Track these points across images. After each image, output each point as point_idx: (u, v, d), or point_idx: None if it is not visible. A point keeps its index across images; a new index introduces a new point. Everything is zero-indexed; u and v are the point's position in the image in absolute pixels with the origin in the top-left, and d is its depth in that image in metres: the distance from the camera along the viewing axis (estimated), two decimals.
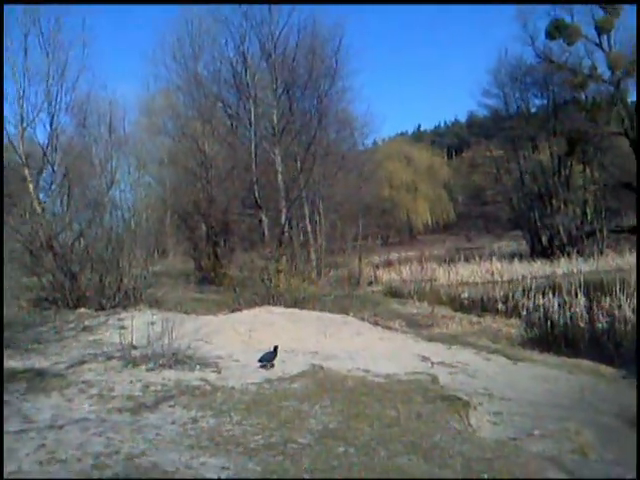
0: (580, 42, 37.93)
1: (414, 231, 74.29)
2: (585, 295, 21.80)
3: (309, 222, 29.65)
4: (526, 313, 20.80)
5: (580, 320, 18.65)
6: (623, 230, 39.90)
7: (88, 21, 31.43)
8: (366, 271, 34.35)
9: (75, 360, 9.32)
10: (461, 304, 25.28)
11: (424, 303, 24.23)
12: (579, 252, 39.45)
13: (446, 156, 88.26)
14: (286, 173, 27.48)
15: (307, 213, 29.64)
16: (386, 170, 62.13)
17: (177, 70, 30.22)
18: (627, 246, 36.54)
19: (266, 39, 27.22)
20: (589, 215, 43.58)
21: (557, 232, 43.11)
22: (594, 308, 19.61)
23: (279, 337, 11.37)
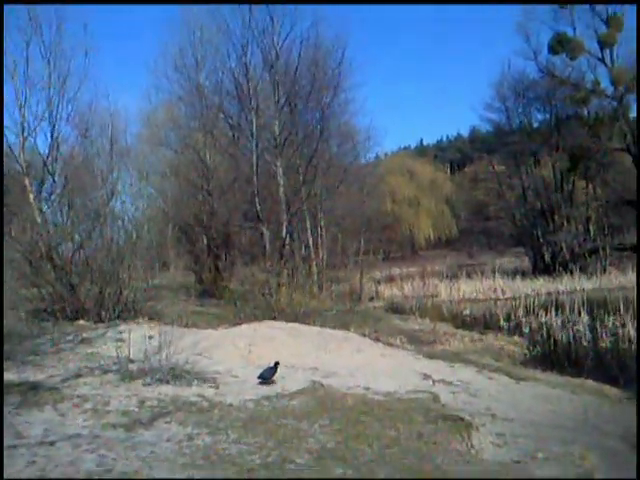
0: (583, 57, 38.07)
1: (416, 246, 74.07)
2: (588, 313, 21.68)
3: (310, 236, 29.53)
4: (529, 331, 20.68)
5: (583, 339, 18.51)
6: (626, 248, 39.69)
7: (90, 29, 31.27)
8: (368, 286, 34.21)
9: (71, 373, 9.17)
10: (463, 321, 25.15)
11: (426, 319, 24.11)
12: (582, 269, 39.24)
13: (449, 171, 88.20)
14: (288, 186, 27.37)
15: (309, 226, 29.52)
16: (388, 184, 62.08)
17: (179, 81, 30.11)
18: (630, 264, 36.30)
19: (268, 50, 27.15)
20: (592, 232, 43.37)
21: (560, 249, 42.90)
22: (597, 327, 19.48)
23: (279, 352, 11.23)
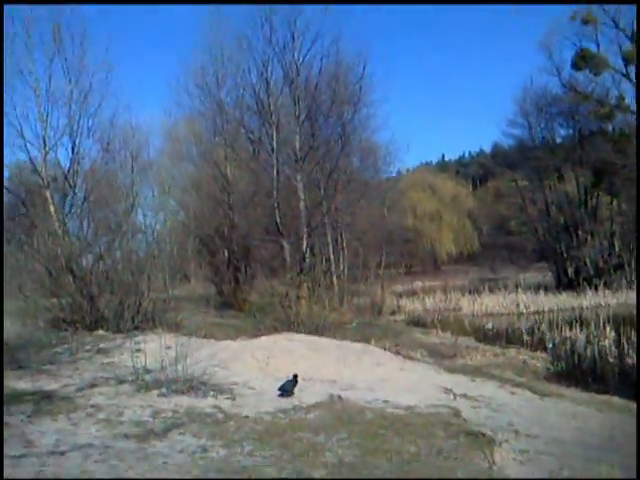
0: (607, 72, 37.71)
1: (438, 261, 73.75)
2: (614, 329, 21.22)
3: (331, 249, 29.43)
4: (552, 346, 20.25)
5: (609, 355, 18.08)
6: None
7: (112, 46, 31.81)
8: (389, 300, 34.00)
9: (86, 383, 9.10)
10: (485, 335, 24.76)
11: (447, 333, 23.82)
12: (606, 285, 38.61)
13: (471, 186, 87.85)
14: (308, 200, 27.32)
15: (330, 240, 29.44)
16: (410, 199, 62.05)
17: (200, 97, 30.42)
18: None
19: (289, 66, 27.25)
20: (617, 247, 42.74)
21: (584, 264, 42.36)
22: (623, 342, 19.03)
23: (297, 365, 11.06)
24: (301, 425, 7.54)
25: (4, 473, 4.75)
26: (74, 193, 25.16)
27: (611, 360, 17.53)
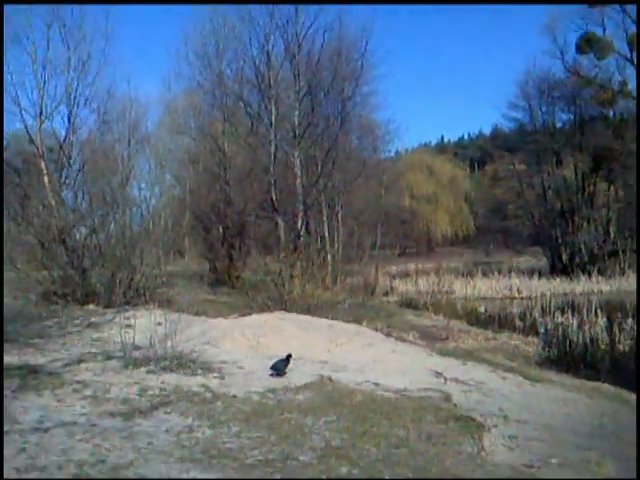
0: (611, 57, 37.37)
1: (432, 243, 73.75)
2: (606, 316, 21.23)
3: (326, 228, 29.28)
4: (544, 331, 20.26)
5: (600, 341, 18.09)
6: None
7: (111, 13, 31.27)
8: (382, 281, 33.93)
9: (74, 358, 9.00)
10: (477, 318, 24.78)
11: (440, 316, 23.79)
12: (600, 271, 38.72)
13: (468, 169, 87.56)
14: (305, 177, 27.10)
15: (325, 219, 29.28)
16: (407, 180, 61.86)
17: (199, 67, 29.98)
18: None
19: (291, 39, 26.77)
20: (612, 234, 42.74)
21: (578, 250, 42.40)
22: (615, 329, 19.05)
23: (288, 344, 10.99)
24: (290, 406, 7.46)
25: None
26: (69, 164, 24.88)
27: (602, 347, 17.56)
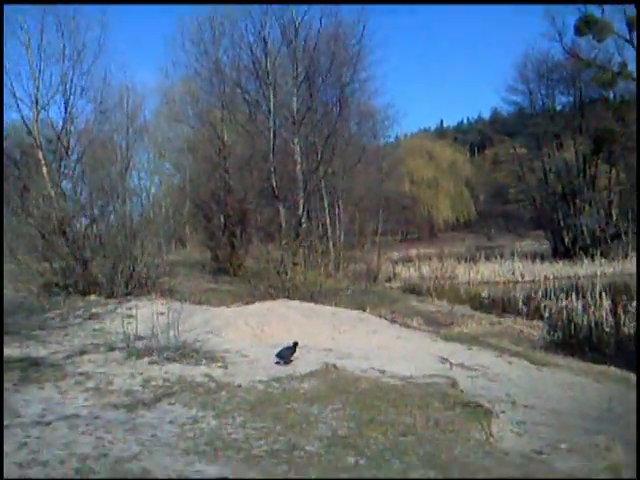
0: (610, 38, 36.98)
1: (434, 228, 73.56)
2: (610, 298, 21.15)
3: (328, 214, 29.19)
4: (548, 315, 20.18)
5: (605, 324, 18.00)
6: None
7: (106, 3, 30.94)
8: (384, 267, 33.85)
9: (76, 349, 8.91)
10: (481, 303, 24.71)
11: (443, 301, 23.74)
12: (603, 254, 38.57)
13: (468, 153, 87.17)
14: (305, 163, 26.97)
15: (326, 205, 29.19)
16: (407, 166, 61.62)
17: (196, 55, 29.81)
18: None
19: (288, 24, 26.61)
20: (614, 217, 42.57)
21: (581, 233, 42.27)
22: (620, 312, 18.96)
23: (292, 332, 10.91)
24: (295, 395, 7.36)
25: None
26: (67, 154, 24.69)
27: (607, 329, 17.47)
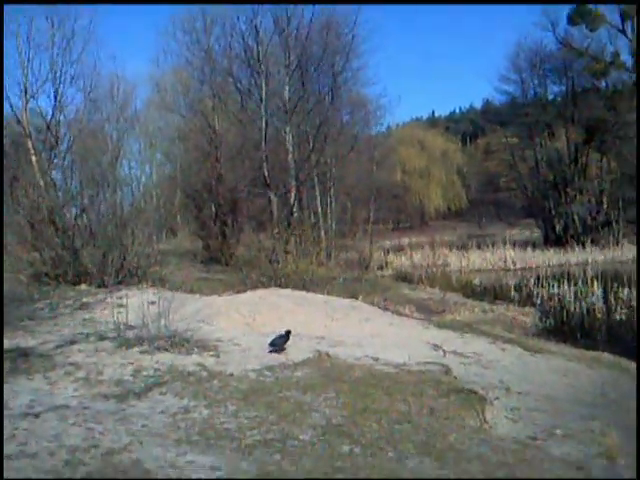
0: (603, 28, 36.99)
1: (425, 217, 73.61)
2: (601, 285, 21.26)
3: (319, 203, 29.11)
4: (540, 302, 20.26)
5: (597, 310, 18.10)
6: None
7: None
8: (376, 255, 33.82)
9: (66, 339, 8.79)
10: (473, 291, 24.76)
11: (435, 289, 23.74)
12: (594, 242, 38.74)
13: (460, 143, 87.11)
14: (297, 152, 26.84)
15: (318, 194, 29.10)
16: (399, 155, 61.50)
17: (187, 44, 29.52)
18: None
19: (279, 13, 26.38)
20: (605, 205, 42.70)
21: (572, 221, 42.38)
22: (611, 299, 19.06)
23: (284, 321, 10.83)
24: (288, 384, 7.30)
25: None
26: (57, 144, 24.45)
27: (599, 316, 17.57)
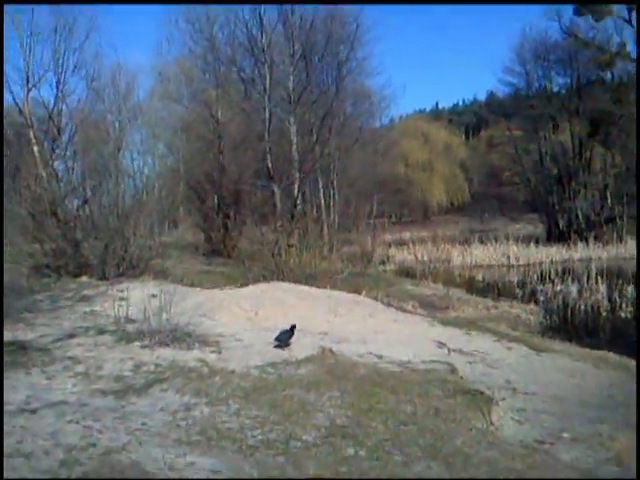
0: (609, 18, 36.55)
1: (428, 211, 73.38)
2: (605, 282, 21.07)
3: (323, 196, 28.96)
4: (544, 299, 20.08)
5: (602, 308, 17.92)
6: None
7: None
8: (379, 250, 33.67)
9: (65, 333, 8.67)
10: (476, 287, 24.55)
11: (438, 284, 23.58)
12: (597, 238, 38.51)
13: (464, 135, 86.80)
14: (301, 144, 26.65)
15: (321, 187, 28.95)
16: (402, 148, 61.35)
17: (190, 32, 29.33)
18: None
19: (284, 1, 26.10)
20: (609, 200, 42.44)
21: (575, 216, 42.15)
22: (615, 296, 18.87)
23: (287, 316, 10.67)
24: (291, 381, 7.15)
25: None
26: (59, 134, 24.27)
27: (604, 314, 17.39)
